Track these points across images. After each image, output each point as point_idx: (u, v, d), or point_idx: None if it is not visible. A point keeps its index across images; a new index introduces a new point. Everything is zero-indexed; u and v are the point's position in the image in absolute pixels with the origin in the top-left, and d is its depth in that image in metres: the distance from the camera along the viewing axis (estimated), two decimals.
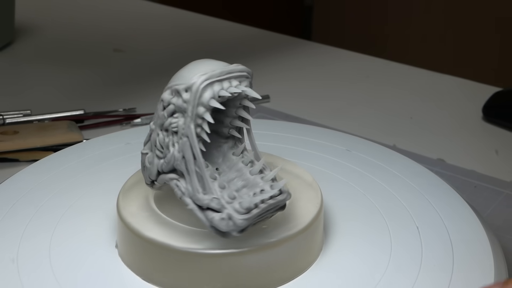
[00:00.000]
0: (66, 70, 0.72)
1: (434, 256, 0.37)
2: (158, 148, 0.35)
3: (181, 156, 0.34)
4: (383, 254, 0.37)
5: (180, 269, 0.35)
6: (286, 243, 0.35)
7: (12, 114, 0.59)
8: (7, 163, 0.53)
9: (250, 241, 0.34)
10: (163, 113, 0.34)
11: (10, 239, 0.38)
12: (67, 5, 0.91)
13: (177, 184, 0.34)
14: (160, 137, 0.35)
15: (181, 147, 0.34)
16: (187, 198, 0.34)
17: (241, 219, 0.32)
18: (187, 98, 0.33)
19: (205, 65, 0.34)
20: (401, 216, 0.41)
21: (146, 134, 0.37)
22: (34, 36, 0.81)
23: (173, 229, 0.36)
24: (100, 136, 0.50)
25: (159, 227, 0.36)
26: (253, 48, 0.79)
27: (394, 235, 0.39)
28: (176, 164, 0.34)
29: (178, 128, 0.34)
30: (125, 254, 0.37)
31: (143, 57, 0.76)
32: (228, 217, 0.33)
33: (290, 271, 0.36)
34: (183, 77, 0.34)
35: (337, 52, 0.80)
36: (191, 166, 0.33)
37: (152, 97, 0.66)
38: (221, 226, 0.33)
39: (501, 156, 0.57)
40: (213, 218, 0.33)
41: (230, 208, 0.33)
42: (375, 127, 0.61)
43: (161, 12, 0.92)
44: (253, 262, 0.35)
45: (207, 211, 0.33)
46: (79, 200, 0.42)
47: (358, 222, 0.40)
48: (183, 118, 0.34)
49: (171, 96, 0.34)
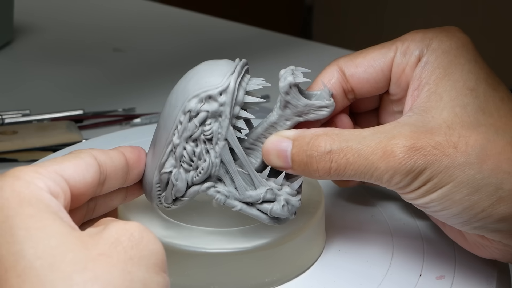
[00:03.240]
0: (65, 70, 0.72)
1: (436, 255, 0.37)
2: (186, 161, 0.34)
3: (219, 161, 0.34)
4: (383, 255, 0.37)
5: (182, 267, 0.35)
6: (287, 242, 0.35)
7: (11, 114, 0.59)
8: (6, 163, 0.53)
9: (252, 240, 0.35)
10: (192, 124, 0.34)
11: None
12: (67, 4, 0.91)
13: (217, 190, 0.34)
14: (188, 150, 0.34)
15: (218, 152, 0.34)
16: (232, 200, 0.34)
17: (297, 200, 0.34)
18: (223, 100, 0.33)
19: (219, 66, 0.34)
20: (402, 215, 0.41)
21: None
22: (33, 35, 0.81)
23: (175, 228, 0.36)
24: (100, 136, 0.50)
25: (161, 226, 0.36)
26: (253, 48, 0.78)
27: (396, 237, 0.39)
28: (215, 170, 0.34)
29: (213, 134, 0.34)
30: None
31: (142, 57, 0.76)
32: (286, 202, 0.34)
33: (291, 270, 0.36)
34: (207, 82, 0.34)
35: (337, 51, 0.79)
36: (232, 167, 0.34)
37: (151, 97, 0.66)
38: (283, 213, 0.34)
39: None
40: (272, 208, 0.34)
41: (284, 193, 0.34)
42: None
43: (161, 12, 0.91)
44: (255, 260, 0.35)
45: (262, 204, 0.34)
46: None
47: (359, 225, 0.40)
48: (217, 123, 0.33)
49: (200, 104, 0.34)
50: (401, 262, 0.37)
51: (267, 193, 0.34)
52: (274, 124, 0.35)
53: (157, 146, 0.35)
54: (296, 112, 0.34)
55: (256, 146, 0.35)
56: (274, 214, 0.34)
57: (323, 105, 0.34)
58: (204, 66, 0.35)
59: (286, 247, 0.35)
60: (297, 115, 0.34)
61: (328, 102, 0.34)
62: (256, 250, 0.34)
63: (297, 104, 0.34)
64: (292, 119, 0.34)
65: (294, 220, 0.35)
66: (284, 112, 0.34)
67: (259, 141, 0.35)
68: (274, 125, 0.35)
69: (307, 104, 0.34)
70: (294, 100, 0.34)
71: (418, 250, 0.38)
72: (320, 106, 0.34)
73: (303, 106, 0.34)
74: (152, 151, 0.35)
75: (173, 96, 0.34)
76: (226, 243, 0.34)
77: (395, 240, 0.38)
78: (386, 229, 0.39)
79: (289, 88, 0.34)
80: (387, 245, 0.38)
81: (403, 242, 0.38)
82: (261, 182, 0.34)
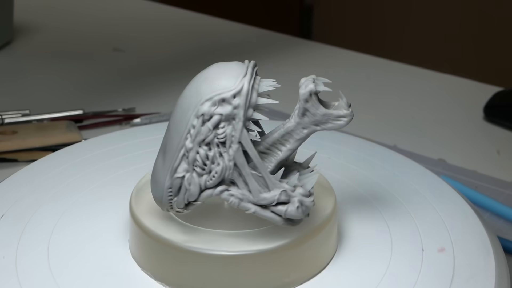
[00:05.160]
0: (65, 69, 0.72)
1: (435, 256, 0.37)
2: (199, 165, 0.34)
3: (233, 164, 0.34)
4: (384, 256, 0.37)
5: (191, 269, 0.35)
6: (298, 245, 0.35)
7: (10, 114, 0.59)
8: (5, 163, 0.53)
9: (259, 243, 0.34)
10: (206, 127, 0.34)
11: (9, 239, 0.38)
12: (66, 4, 0.91)
13: (231, 193, 0.34)
14: (201, 153, 0.34)
15: (232, 155, 0.33)
16: (246, 203, 0.34)
17: (310, 201, 0.34)
18: (237, 103, 0.33)
19: (230, 68, 0.34)
20: (402, 217, 0.40)
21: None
22: (33, 35, 0.81)
23: (193, 232, 0.35)
24: (99, 136, 0.50)
25: (179, 231, 0.35)
26: (253, 48, 0.78)
27: (395, 237, 0.39)
28: (228, 174, 0.34)
29: (227, 137, 0.33)
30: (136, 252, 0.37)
31: (142, 57, 0.76)
32: (300, 204, 0.34)
33: (302, 274, 0.36)
34: (220, 85, 0.33)
35: (337, 51, 0.79)
36: (246, 170, 0.34)
37: (151, 97, 0.66)
38: (298, 214, 0.34)
39: (502, 156, 0.57)
40: (287, 210, 0.34)
41: (298, 194, 0.34)
42: (375, 127, 0.61)
43: (161, 12, 0.91)
44: (264, 263, 0.34)
45: (277, 206, 0.34)
46: (78, 201, 0.41)
47: (360, 226, 0.40)
48: (230, 126, 0.33)
49: (214, 107, 0.33)
50: (400, 264, 0.37)
51: (281, 195, 0.34)
52: (291, 132, 0.35)
53: (168, 150, 0.34)
54: (314, 121, 0.34)
55: (271, 151, 0.35)
56: (288, 215, 0.34)
57: (341, 115, 0.34)
58: (215, 68, 0.34)
59: (298, 249, 0.35)
60: (314, 124, 0.34)
61: (346, 112, 0.34)
62: (279, 250, 0.34)
63: (316, 112, 0.34)
64: (309, 128, 0.34)
65: (310, 219, 0.35)
66: (302, 120, 0.34)
67: (275, 147, 0.35)
68: (291, 132, 0.35)
69: (325, 113, 0.34)
70: (313, 108, 0.34)
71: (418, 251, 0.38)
72: (339, 116, 0.34)
73: (322, 115, 0.34)
74: (162, 156, 0.35)
75: (184, 99, 0.34)
76: (248, 245, 0.34)
77: (394, 243, 0.38)
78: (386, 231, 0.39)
79: (309, 96, 0.34)
80: (387, 246, 0.38)
81: (402, 244, 0.38)
82: (275, 184, 0.34)
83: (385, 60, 0.76)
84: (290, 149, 0.35)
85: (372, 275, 0.36)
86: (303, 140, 0.35)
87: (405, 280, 0.36)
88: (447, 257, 0.37)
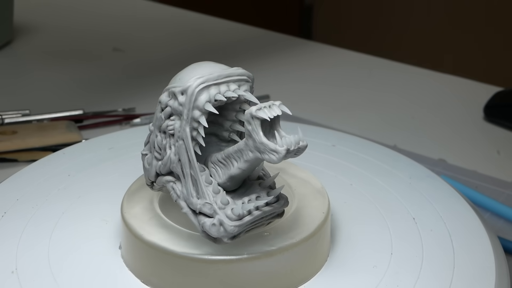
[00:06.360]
0: (65, 69, 0.72)
1: (435, 257, 0.37)
2: (157, 150, 0.35)
3: (177, 158, 0.34)
4: (384, 256, 0.37)
5: (180, 274, 0.34)
6: (287, 251, 0.34)
7: (10, 114, 0.59)
8: (5, 163, 0.53)
9: (251, 248, 0.34)
10: (161, 115, 0.34)
11: (9, 239, 0.38)
12: (67, 4, 0.91)
13: (173, 187, 0.34)
14: (158, 139, 0.34)
15: (177, 150, 0.33)
16: (182, 201, 0.34)
17: (232, 226, 0.32)
18: (182, 101, 0.33)
19: (203, 68, 0.34)
20: (403, 218, 0.40)
21: (145, 135, 0.37)
22: (33, 35, 0.81)
23: (175, 233, 0.35)
24: (99, 136, 0.50)
25: (162, 231, 0.35)
26: (253, 48, 0.78)
27: (395, 238, 0.39)
28: (172, 167, 0.34)
29: (175, 131, 0.34)
30: (127, 256, 0.36)
31: (142, 57, 0.76)
32: (219, 223, 0.32)
33: (291, 281, 0.35)
34: (181, 79, 0.34)
35: (337, 51, 0.79)
36: (187, 170, 0.33)
37: (151, 97, 0.66)
38: (212, 231, 0.32)
39: (502, 156, 0.57)
40: (204, 223, 0.33)
41: (222, 214, 0.32)
42: (375, 127, 0.61)
43: (161, 12, 0.91)
44: (254, 269, 0.34)
45: (200, 215, 0.33)
46: (78, 201, 0.41)
47: (360, 226, 0.40)
48: (179, 121, 0.33)
49: (168, 98, 0.34)
50: (401, 265, 0.37)
51: (204, 206, 0.33)
52: (241, 151, 0.33)
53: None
54: (255, 147, 0.31)
55: (227, 164, 0.34)
56: (204, 229, 0.33)
57: (274, 150, 0.31)
58: (194, 64, 0.35)
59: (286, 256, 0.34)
60: (257, 150, 0.31)
61: (280, 149, 0.31)
62: (255, 258, 0.34)
63: (255, 138, 0.31)
64: (254, 153, 0.32)
65: (298, 228, 0.35)
66: (248, 142, 0.32)
67: (229, 160, 0.33)
68: (242, 151, 0.33)
69: (262, 142, 0.31)
70: (254, 133, 0.31)
71: (418, 252, 0.38)
72: (272, 150, 0.31)
73: (259, 143, 0.31)
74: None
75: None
76: (226, 250, 0.34)
77: (394, 244, 0.38)
78: (387, 232, 0.39)
79: (250, 118, 0.31)
80: (387, 247, 0.38)
81: (404, 245, 0.38)
82: (204, 194, 0.33)
83: (385, 60, 0.76)
84: (240, 168, 0.33)
85: (372, 275, 0.36)
86: (252, 164, 0.32)
87: (405, 280, 0.36)
88: (447, 257, 0.37)
